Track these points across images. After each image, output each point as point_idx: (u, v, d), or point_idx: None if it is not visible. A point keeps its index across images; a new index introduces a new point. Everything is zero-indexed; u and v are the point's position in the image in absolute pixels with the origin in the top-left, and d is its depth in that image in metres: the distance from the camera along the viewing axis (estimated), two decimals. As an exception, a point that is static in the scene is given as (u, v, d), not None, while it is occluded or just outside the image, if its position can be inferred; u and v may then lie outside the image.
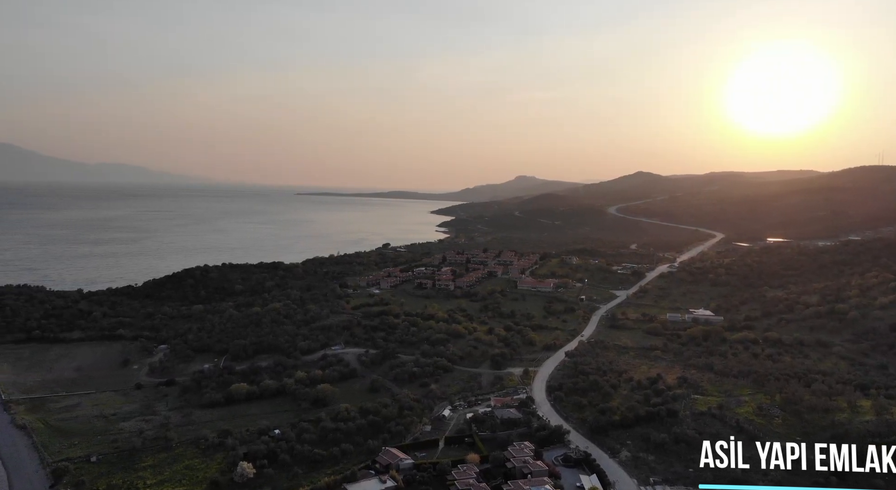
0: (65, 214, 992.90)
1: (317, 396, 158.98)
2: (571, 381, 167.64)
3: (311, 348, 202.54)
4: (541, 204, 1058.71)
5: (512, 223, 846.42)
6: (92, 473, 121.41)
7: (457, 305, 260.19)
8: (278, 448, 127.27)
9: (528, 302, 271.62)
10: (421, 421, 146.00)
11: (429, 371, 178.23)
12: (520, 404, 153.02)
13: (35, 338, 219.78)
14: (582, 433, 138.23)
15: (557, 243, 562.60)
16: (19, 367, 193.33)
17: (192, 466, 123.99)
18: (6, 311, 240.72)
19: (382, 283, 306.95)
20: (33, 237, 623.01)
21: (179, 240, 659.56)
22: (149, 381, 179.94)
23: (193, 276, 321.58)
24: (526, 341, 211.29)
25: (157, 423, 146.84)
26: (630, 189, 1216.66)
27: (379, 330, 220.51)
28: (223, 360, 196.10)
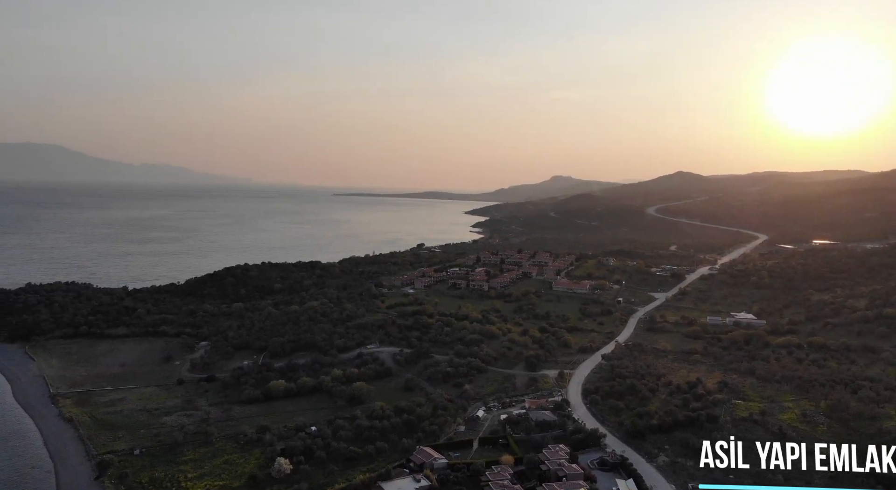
0: (111, 214, 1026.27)
1: (352, 394, 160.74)
2: (608, 384, 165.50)
3: (347, 346, 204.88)
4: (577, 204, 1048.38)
5: (547, 224, 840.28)
6: (135, 466, 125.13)
7: (491, 306, 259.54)
8: (314, 445, 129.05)
9: (563, 303, 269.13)
10: (455, 421, 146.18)
11: (462, 371, 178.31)
12: (555, 407, 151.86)
13: (82, 333, 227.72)
14: (618, 437, 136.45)
15: (594, 244, 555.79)
16: (67, 362, 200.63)
17: (232, 461, 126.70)
18: (55, 308, 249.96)
19: (417, 282, 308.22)
20: (81, 236, 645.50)
21: (220, 239, 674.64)
22: (190, 377, 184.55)
23: (234, 274, 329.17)
24: (561, 343, 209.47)
25: (197, 418, 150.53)
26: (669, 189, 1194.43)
27: (413, 329, 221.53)
28: (262, 357, 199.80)
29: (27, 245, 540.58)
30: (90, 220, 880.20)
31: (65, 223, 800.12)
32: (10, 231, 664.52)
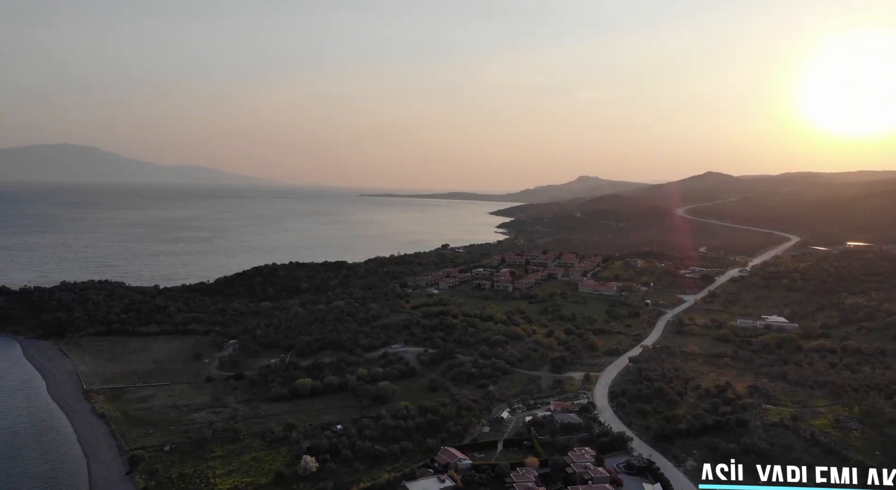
0: (143, 214, 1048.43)
1: (377, 393, 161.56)
2: (635, 387, 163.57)
3: (372, 346, 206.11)
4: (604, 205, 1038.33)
5: (573, 225, 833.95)
6: (165, 462, 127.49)
7: (515, 307, 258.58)
8: (340, 443, 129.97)
9: (589, 305, 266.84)
10: (479, 422, 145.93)
11: (487, 372, 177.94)
12: (580, 409, 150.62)
13: (115, 331, 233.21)
14: (645, 441, 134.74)
15: (621, 246, 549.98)
16: (100, 359, 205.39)
17: (259, 458, 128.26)
18: (89, 306, 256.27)
19: (441, 283, 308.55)
20: (114, 235, 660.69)
21: (249, 239, 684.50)
22: (219, 375, 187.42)
23: (262, 273, 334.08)
24: (587, 345, 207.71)
25: (226, 415, 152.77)
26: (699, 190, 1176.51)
27: (437, 330, 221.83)
28: (289, 356, 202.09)
29: (62, 244, 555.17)
30: (123, 220, 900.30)
31: (99, 223, 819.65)
32: (46, 231, 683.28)
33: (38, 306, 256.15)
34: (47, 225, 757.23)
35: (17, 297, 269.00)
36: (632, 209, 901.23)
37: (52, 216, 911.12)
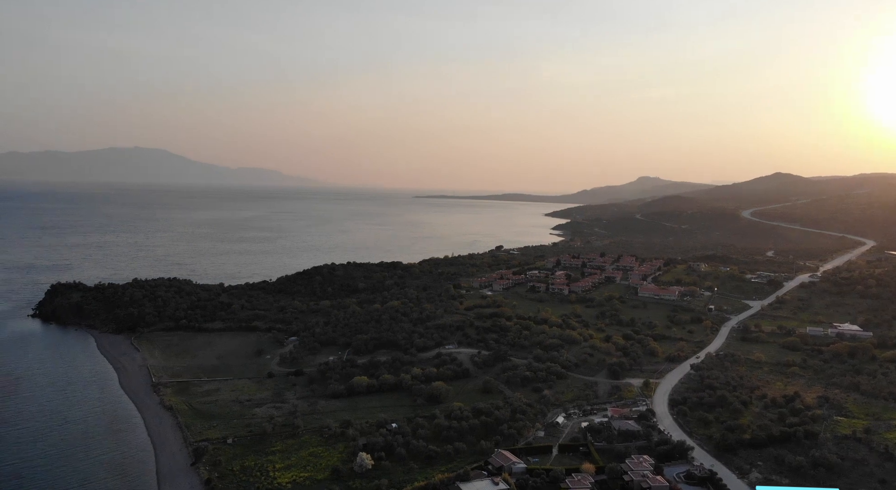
0: (209, 214, 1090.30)
1: (431, 393, 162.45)
2: (697, 395, 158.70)
3: (426, 346, 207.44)
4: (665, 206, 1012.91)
5: (633, 226, 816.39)
6: (227, 454, 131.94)
7: (571, 310, 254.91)
8: (395, 441, 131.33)
9: (649, 310, 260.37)
10: (534, 426, 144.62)
11: (542, 376, 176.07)
12: (639, 416, 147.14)
13: (182, 327, 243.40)
14: (707, 451, 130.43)
15: (683, 249, 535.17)
16: (168, 353, 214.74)
17: (316, 454, 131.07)
18: (158, 302, 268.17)
19: (495, 285, 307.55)
20: (182, 235, 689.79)
21: (309, 239, 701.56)
22: (280, 371, 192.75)
23: (321, 273, 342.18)
24: (647, 351, 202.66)
25: (286, 410, 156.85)
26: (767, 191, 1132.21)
27: (491, 331, 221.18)
28: (346, 354, 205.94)
29: (134, 243, 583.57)
30: (190, 220, 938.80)
31: (168, 223, 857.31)
32: (119, 230, 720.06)
33: (111, 302, 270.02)
34: (120, 224, 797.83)
35: (93, 293, 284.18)
36: (695, 211, 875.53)
37: (125, 216, 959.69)
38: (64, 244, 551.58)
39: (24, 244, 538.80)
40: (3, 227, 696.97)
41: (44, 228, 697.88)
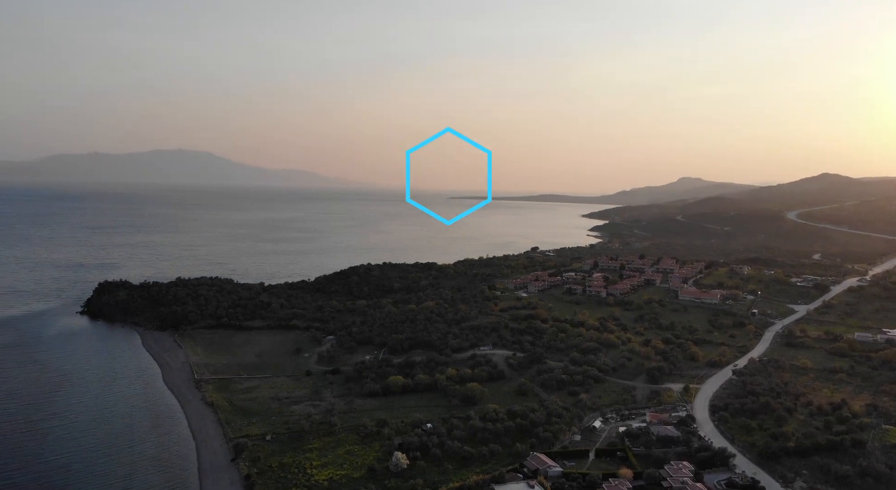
0: (250, 215, 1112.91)
1: (466, 394, 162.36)
2: (739, 401, 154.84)
3: (461, 347, 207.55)
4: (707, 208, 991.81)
5: (673, 228, 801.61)
6: (266, 451, 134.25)
7: (609, 313, 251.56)
8: (430, 442, 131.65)
9: (690, 314, 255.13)
10: (570, 429, 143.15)
11: (578, 379, 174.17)
12: (678, 422, 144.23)
13: (224, 324, 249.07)
14: (749, 458, 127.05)
15: (726, 251, 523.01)
16: (210, 350, 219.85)
17: (353, 452, 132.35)
18: (201, 300, 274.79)
19: (530, 286, 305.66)
20: (224, 235, 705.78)
21: (346, 240, 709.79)
22: (317, 369, 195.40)
23: (358, 273, 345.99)
24: (687, 356, 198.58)
25: (323, 408, 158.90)
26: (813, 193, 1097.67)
27: (526, 333, 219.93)
28: (382, 353, 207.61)
29: (178, 243, 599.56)
30: (232, 220, 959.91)
31: (210, 224, 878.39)
32: (164, 230, 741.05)
33: (156, 300, 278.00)
34: (165, 225, 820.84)
35: (139, 292, 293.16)
36: (738, 212, 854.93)
37: (170, 217, 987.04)
38: (111, 244, 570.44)
39: (74, 243, 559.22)
40: (55, 227, 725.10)
41: (92, 228, 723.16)
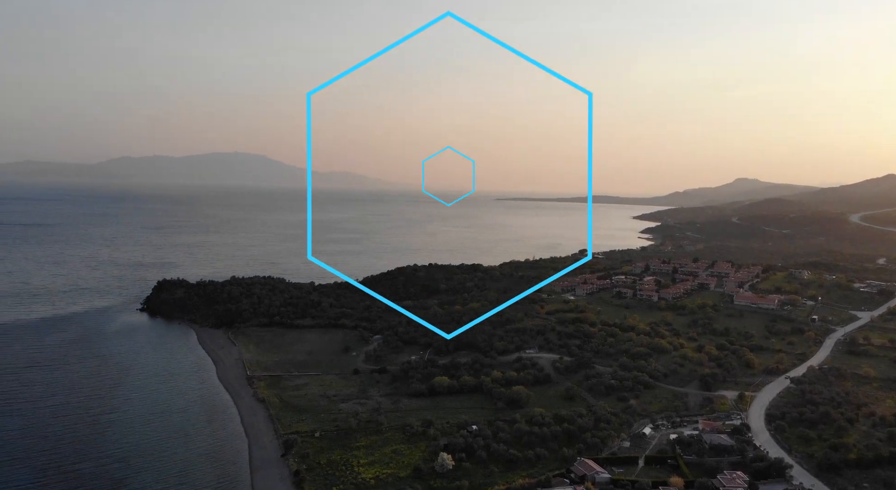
0: (301, 216, 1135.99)
1: (512, 397, 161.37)
2: (797, 410, 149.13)
3: (506, 349, 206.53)
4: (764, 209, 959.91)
5: (729, 231, 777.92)
6: (315, 447, 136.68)
7: (660, 318, 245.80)
8: (475, 443, 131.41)
9: (745, 319, 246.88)
10: (619, 436, 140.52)
11: (628, 385, 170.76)
12: (732, 431, 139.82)
13: (275, 323, 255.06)
14: (807, 469, 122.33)
15: (785, 255, 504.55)
16: (262, 348, 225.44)
17: (399, 451, 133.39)
18: (254, 299, 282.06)
19: (578, 289, 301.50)
20: (276, 236, 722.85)
21: (394, 241, 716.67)
22: (364, 368, 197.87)
23: (404, 274, 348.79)
24: (742, 363, 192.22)
25: (370, 407, 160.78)
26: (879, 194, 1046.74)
27: (574, 337, 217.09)
28: (427, 354, 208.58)
29: (232, 243, 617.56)
30: (284, 221, 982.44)
31: (263, 224, 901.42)
32: (220, 230, 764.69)
33: (211, 298, 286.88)
34: (220, 225, 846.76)
35: (195, 290, 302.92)
36: (797, 215, 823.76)
37: (225, 217, 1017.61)
38: (169, 243, 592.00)
39: (134, 243, 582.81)
40: (117, 227, 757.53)
41: (152, 228, 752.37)
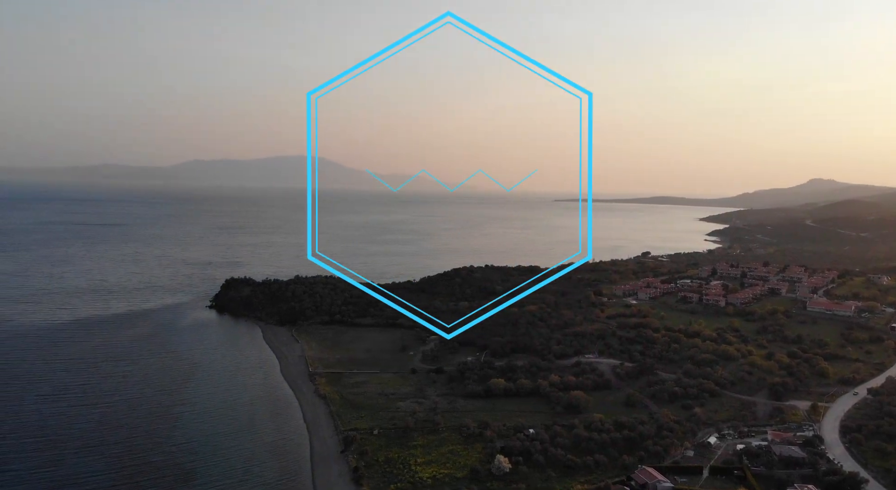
0: (360, 217, 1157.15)
1: (570, 402, 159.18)
2: (874, 422, 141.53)
3: (564, 353, 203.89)
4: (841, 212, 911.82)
5: (802, 234, 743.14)
6: (373, 445, 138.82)
7: (728, 324, 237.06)
8: (532, 447, 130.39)
9: (819, 326, 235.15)
10: (682, 444, 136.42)
11: (692, 393, 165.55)
12: (804, 442, 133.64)
13: (336, 321, 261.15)
14: (883, 484, 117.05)
15: (863, 259, 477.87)
16: (324, 345, 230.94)
17: (455, 452, 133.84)
18: (316, 298, 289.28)
19: (640, 293, 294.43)
20: (337, 236, 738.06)
21: (451, 242, 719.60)
22: (421, 367, 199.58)
23: (461, 275, 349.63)
24: (815, 372, 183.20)
25: (427, 406, 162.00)
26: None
27: (635, 343, 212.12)
28: (484, 355, 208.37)
29: (296, 243, 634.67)
30: (344, 222, 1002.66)
31: (324, 225, 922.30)
32: (284, 231, 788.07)
33: (275, 296, 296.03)
34: (285, 226, 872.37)
35: (261, 288, 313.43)
36: (877, 217, 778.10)
37: (289, 218, 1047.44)
38: (236, 243, 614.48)
39: (204, 243, 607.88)
40: (188, 227, 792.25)
41: (220, 229, 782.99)
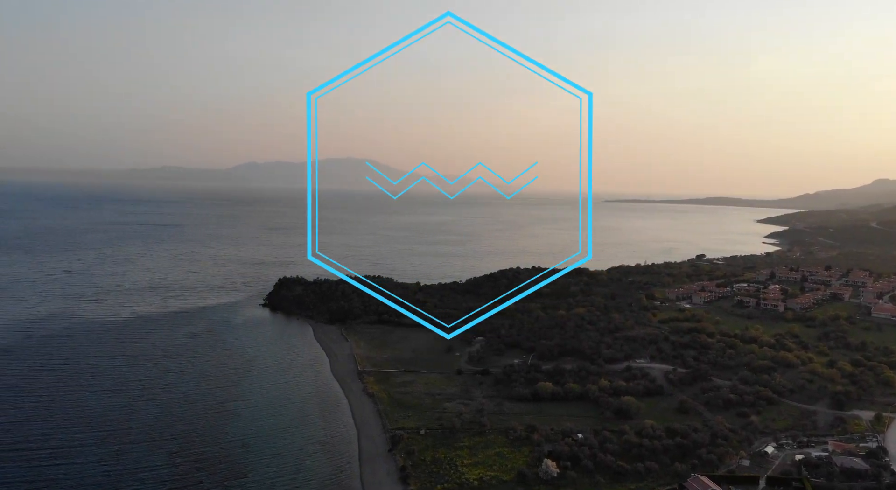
0: (406, 218, 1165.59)
1: (620, 407, 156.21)
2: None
3: (614, 357, 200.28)
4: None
5: (866, 236, 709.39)
6: (420, 444, 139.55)
7: (787, 330, 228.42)
8: (581, 452, 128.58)
9: (885, 333, 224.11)
10: (737, 453, 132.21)
11: (749, 400, 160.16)
12: (867, 454, 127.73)
13: (384, 320, 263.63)
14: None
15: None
16: (372, 345, 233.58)
17: (502, 455, 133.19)
18: (364, 297, 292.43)
19: (694, 297, 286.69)
20: (384, 238, 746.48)
21: (497, 243, 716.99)
22: (467, 369, 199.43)
23: (507, 276, 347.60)
24: (880, 381, 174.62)
25: (473, 407, 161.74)
26: None
27: (689, 348, 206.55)
28: (531, 358, 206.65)
29: (344, 244, 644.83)
30: (391, 223, 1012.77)
31: (372, 226, 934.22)
32: (332, 232, 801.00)
33: (326, 296, 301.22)
34: (333, 227, 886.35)
35: (311, 288, 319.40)
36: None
37: (338, 219, 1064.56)
38: (288, 243, 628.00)
39: (256, 243, 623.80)
40: (242, 228, 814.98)
41: (273, 229, 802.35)
